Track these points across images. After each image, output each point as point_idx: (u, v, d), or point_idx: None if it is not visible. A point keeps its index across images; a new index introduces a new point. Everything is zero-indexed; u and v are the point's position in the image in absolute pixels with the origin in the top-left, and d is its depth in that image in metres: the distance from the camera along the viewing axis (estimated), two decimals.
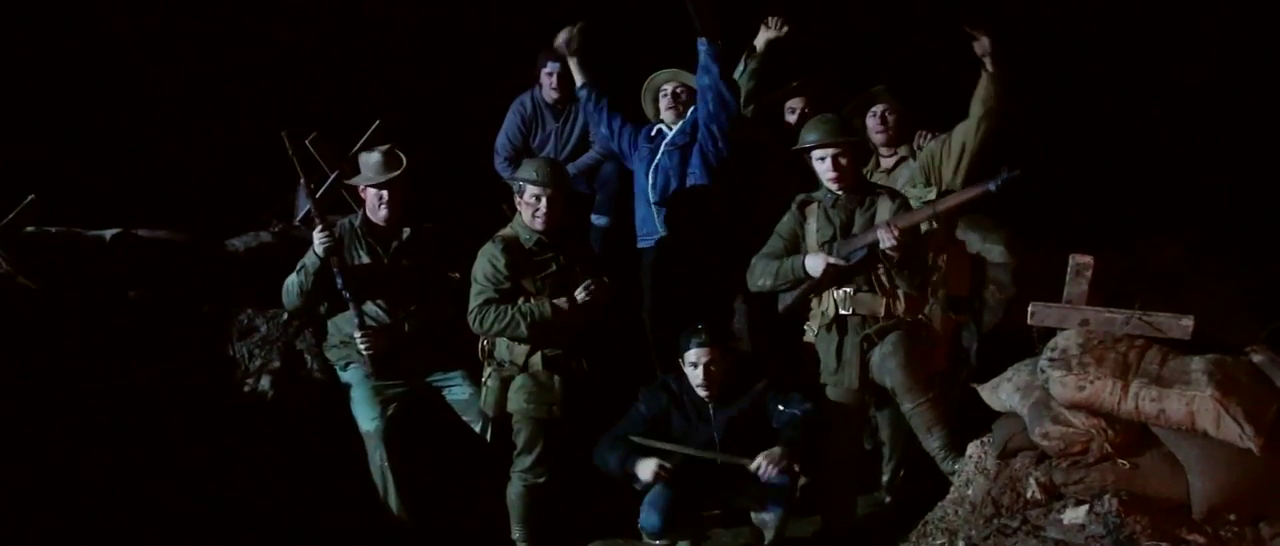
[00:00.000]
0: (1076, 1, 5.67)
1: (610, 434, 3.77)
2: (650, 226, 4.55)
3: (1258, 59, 5.42)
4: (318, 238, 3.98)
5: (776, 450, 3.59)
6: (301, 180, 4.18)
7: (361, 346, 4.01)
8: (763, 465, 3.56)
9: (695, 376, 3.72)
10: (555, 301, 3.91)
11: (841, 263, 3.76)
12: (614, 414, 3.86)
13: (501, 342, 3.99)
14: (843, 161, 3.81)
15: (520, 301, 3.91)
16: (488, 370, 4.00)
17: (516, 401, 3.91)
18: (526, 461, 3.95)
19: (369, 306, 4.07)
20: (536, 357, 3.93)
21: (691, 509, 3.79)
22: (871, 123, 4.41)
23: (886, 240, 3.68)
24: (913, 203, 3.92)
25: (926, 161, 4.23)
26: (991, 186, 3.60)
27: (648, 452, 3.66)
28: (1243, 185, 5.24)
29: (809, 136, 3.86)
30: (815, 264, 3.79)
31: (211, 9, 5.49)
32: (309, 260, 4.03)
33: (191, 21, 5.49)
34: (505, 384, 3.94)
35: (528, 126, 5.24)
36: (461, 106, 5.69)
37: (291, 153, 4.02)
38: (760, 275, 3.93)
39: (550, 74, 5.11)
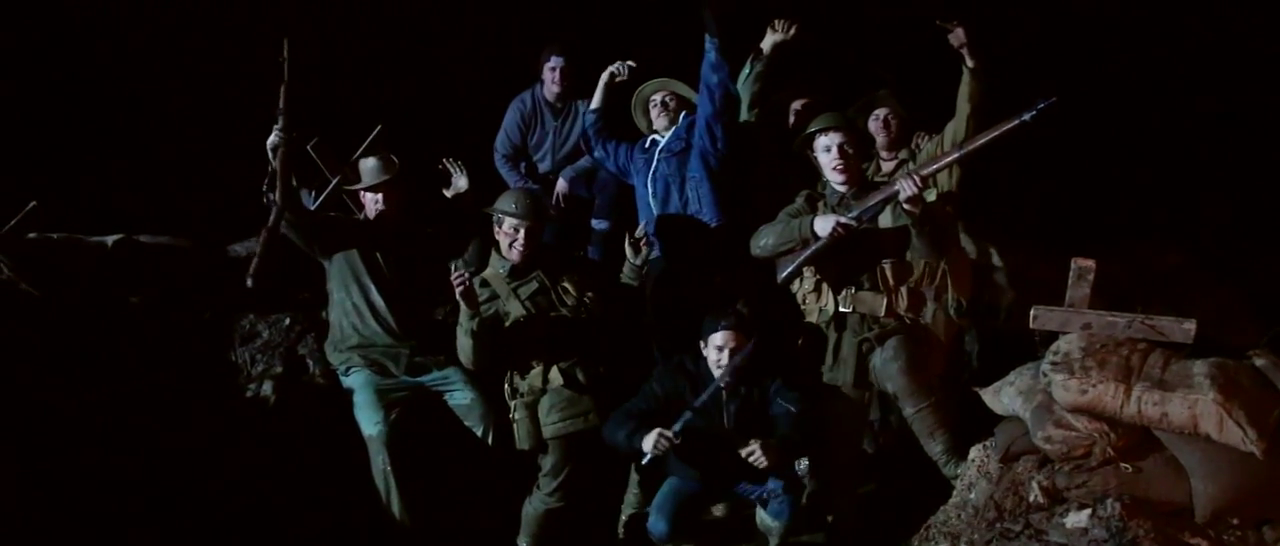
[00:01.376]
0: (1077, 3, 5.67)
1: (622, 409, 3.76)
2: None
3: (1259, 61, 5.42)
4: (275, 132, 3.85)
5: (773, 442, 3.58)
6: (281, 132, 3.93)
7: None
8: (755, 451, 3.55)
9: (717, 359, 3.70)
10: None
11: (852, 223, 3.61)
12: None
13: (521, 373, 3.98)
14: (848, 149, 3.75)
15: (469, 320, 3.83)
16: (513, 404, 3.98)
17: (551, 420, 3.88)
18: (551, 484, 3.94)
19: (375, 300, 4.05)
20: (554, 372, 3.92)
21: (698, 514, 3.80)
22: (874, 125, 4.40)
23: (908, 189, 3.50)
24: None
25: (924, 162, 4.21)
26: (1027, 116, 3.39)
27: (652, 426, 3.62)
28: (1244, 188, 5.24)
29: (814, 124, 3.82)
30: (824, 224, 3.63)
31: (213, 13, 5.49)
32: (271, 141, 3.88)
33: (193, 25, 5.48)
34: (532, 411, 3.93)
35: (527, 124, 5.23)
36: (461, 108, 5.68)
37: (284, 55, 3.84)
38: (764, 236, 3.80)
39: (553, 68, 5.08)
